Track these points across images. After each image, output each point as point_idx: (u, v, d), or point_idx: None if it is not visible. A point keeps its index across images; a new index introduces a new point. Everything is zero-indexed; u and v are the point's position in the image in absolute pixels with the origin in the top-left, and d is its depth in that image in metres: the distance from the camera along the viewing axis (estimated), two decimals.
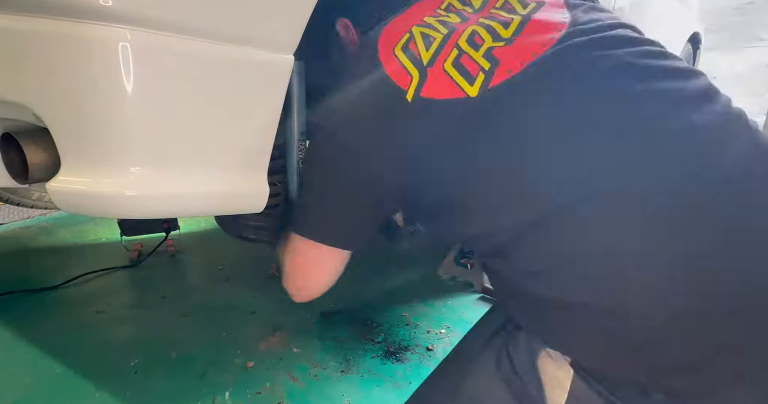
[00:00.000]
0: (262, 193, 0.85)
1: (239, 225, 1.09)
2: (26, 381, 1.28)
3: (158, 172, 0.70)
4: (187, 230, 2.36)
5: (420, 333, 1.55)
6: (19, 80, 0.69)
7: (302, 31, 0.78)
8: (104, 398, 1.21)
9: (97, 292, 1.78)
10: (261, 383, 1.28)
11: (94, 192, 0.68)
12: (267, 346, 1.45)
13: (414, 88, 0.73)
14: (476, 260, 1.72)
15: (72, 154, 0.69)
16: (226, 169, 0.78)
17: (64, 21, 0.62)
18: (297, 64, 0.84)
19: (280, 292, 1.80)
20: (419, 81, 0.73)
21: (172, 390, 1.25)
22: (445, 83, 0.72)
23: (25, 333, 1.49)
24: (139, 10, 0.62)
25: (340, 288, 1.00)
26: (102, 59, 0.63)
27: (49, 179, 0.71)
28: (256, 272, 1.98)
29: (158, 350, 1.42)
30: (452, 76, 0.73)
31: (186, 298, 1.76)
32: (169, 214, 0.79)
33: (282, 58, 0.78)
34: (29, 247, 2.24)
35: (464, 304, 1.77)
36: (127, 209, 0.71)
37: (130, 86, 0.64)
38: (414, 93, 0.73)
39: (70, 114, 0.67)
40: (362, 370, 1.34)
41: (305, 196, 0.89)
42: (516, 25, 0.76)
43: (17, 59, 0.68)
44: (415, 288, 1.86)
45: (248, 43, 0.73)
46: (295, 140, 1.01)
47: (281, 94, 0.81)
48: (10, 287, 1.75)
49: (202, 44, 0.69)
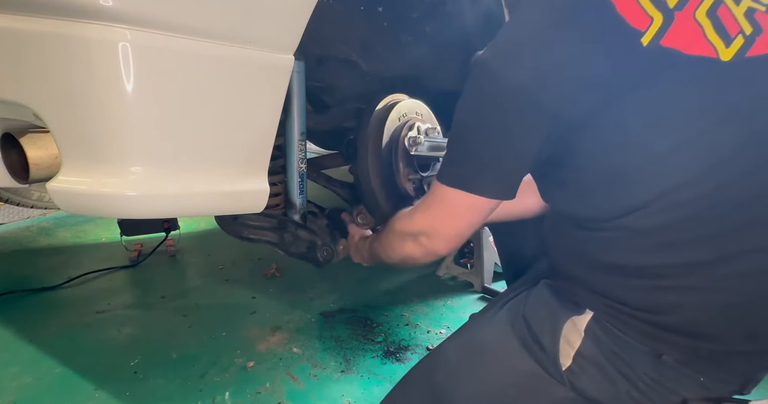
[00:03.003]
0: (262, 193, 0.85)
1: (239, 225, 1.09)
2: (26, 380, 1.28)
3: (158, 172, 0.70)
4: (187, 230, 2.36)
5: (420, 333, 1.55)
6: (19, 80, 0.69)
7: (302, 32, 0.78)
8: (104, 398, 1.21)
9: (97, 292, 1.78)
10: (261, 383, 1.28)
11: (95, 192, 0.68)
12: (267, 346, 1.45)
13: (654, 32, 0.61)
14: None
15: (72, 154, 0.69)
16: (226, 169, 0.78)
17: (64, 21, 0.62)
18: (297, 64, 0.84)
19: (279, 292, 1.81)
20: (662, 25, 0.61)
21: (172, 390, 1.25)
22: (694, 35, 0.61)
23: (25, 333, 1.50)
24: (139, 10, 0.63)
25: (340, 288, 1.00)
26: (102, 59, 0.63)
27: (49, 179, 0.71)
28: (256, 272, 1.98)
29: (158, 350, 1.42)
30: (704, 29, 0.61)
31: (186, 298, 1.76)
32: (169, 214, 0.79)
33: (282, 59, 0.78)
34: (29, 247, 2.24)
35: (464, 304, 1.77)
36: (127, 209, 0.71)
37: (130, 86, 0.64)
38: (652, 39, 0.61)
39: (71, 114, 0.67)
40: (362, 370, 1.34)
41: (459, 141, 0.77)
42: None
43: (18, 59, 0.68)
44: (415, 288, 1.87)
45: (248, 43, 0.73)
46: (296, 140, 1.01)
47: (281, 95, 0.81)
48: (10, 287, 1.75)
49: (202, 44, 0.69)
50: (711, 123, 0.62)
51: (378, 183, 1.20)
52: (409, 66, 1.29)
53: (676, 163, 0.63)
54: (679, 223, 0.64)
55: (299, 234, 1.12)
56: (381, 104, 1.23)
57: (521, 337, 0.81)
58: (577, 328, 0.75)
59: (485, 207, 0.77)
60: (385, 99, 1.26)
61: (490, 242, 1.87)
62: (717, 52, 0.61)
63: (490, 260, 1.87)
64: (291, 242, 1.13)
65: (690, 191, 0.63)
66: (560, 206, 0.79)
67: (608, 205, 0.69)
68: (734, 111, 0.62)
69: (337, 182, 1.36)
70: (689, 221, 0.64)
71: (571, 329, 0.76)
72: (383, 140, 1.20)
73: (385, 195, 1.22)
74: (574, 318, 0.76)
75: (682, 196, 0.63)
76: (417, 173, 1.28)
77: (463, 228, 0.81)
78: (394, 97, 1.28)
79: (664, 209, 0.64)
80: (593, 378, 0.75)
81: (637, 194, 0.66)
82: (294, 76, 0.90)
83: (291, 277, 1.94)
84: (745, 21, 0.61)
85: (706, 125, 0.62)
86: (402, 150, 1.23)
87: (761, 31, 0.61)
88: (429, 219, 0.83)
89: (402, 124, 1.25)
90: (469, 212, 0.78)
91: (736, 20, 0.61)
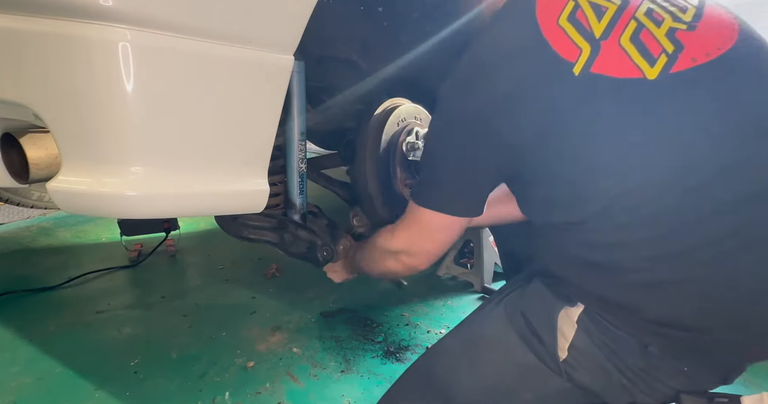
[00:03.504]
0: (262, 193, 0.85)
1: (239, 225, 1.09)
2: (26, 380, 1.28)
3: (158, 172, 0.70)
4: (187, 230, 2.36)
5: (420, 333, 1.55)
6: (19, 80, 0.69)
7: (302, 32, 0.78)
8: (104, 398, 1.21)
9: (97, 292, 1.78)
10: (261, 383, 1.28)
11: (95, 192, 0.68)
12: (267, 346, 1.45)
13: (583, 62, 0.68)
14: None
15: (72, 154, 0.69)
16: (226, 169, 0.79)
17: (65, 21, 0.62)
18: (297, 64, 0.84)
19: (279, 292, 1.81)
20: (590, 55, 0.68)
21: (172, 390, 1.25)
22: (620, 60, 0.68)
23: (25, 333, 1.50)
24: (140, 10, 0.63)
25: (340, 288, 1.01)
26: (102, 59, 0.63)
27: (49, 179, 0.71)
28: (256, 272, 1.98)
29: (158, 350, 1.42)
30: (629, 53, 0.68)
31: (186, 298, 1.76)
32: (169, 214, 0.79)
33: (282, 59, 0.78)
34: (29, 247, 2.24)
35: (464, 304, 1.77)
36: (128, 209, 0.71)
37: (131, 86, 0.64)
38: (583, 67, 0.68)
39: (71, 114, 0.67)
40: (362, 370, 1.34)
41: (430, 167, 0.87)
42: (693, 13, 0.72)
43: (18, 59, 0.68)
44: (415, 288, 1.87)
45: (248, 43, 0.73)
46: (296, 140, 1.01)
47: (281, 95, 0.81)
48: (10, 287, 1.75)
49: (202, 44, 0.69)
50: (644, 136, 0.68)
51: (375, 187, 1.22)
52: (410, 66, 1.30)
53: (621, 171, 0.69)
54: (636, 222, 0.69)
55: (299, 234, 1.12)
56: (380, 108, 1.24)
57: (519, 330, 0.82)
58: (570, 319, 0.77)
59: (457, 225, 0.86)
60: (385, 103, 1.26)
61: (490, 242, 1.87)
62: (643, 72, 0.67)
63: (490, 260, 1.87)
64: (291, 242, 1.13)
65: (638, 194, 0.68)
66: (531, 216, 0.86)
67: (571, 212, 0.74)
68: (664, 123, 0.67)
69: (337, 182, 1.37)
70: (646, 219, 0.68)
71: (565, 320, 0.78)
72: (381, 144, 1.21)
73: (382, 199, 1.23)
74: (568, 308, 0.78)
75: (632, 199, 0.69)
76: (414, 178, 1.29)
77: (440, 245, 0.89)
78: (394, 101, 1.29)
79: (622, 211, 0.69)
80: (588, 369, 0.77)
81: (594, 201, 0.71)
82: (294, 76, 0.90)
83: (291, 277, 1.95)
84: (666, 41, 0.69)
85: (641, 138, 0.68)
86: (400, 155, 1.24)
87: (683, 47, 0.68)
88: (408, 239, 0.91)
89: (401, 129, 1.26)
90: (443, 230, 0.87)
91: (658, 41, 0.69)
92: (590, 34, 0.70)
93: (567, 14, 0.72)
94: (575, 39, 0.70)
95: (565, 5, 0.72)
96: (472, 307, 1.74)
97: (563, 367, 0.78)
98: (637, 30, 0.70)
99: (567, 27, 0.71)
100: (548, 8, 0.73)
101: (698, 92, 0.68)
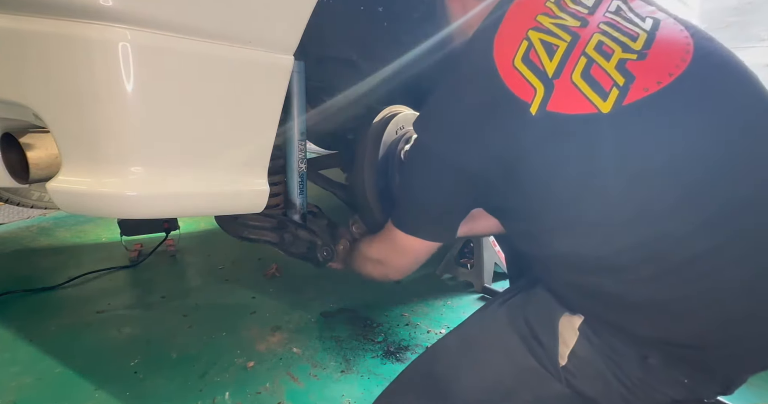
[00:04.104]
0: (262, 193, 0.85)
1: (239, 225, 1.09)
2: (26, 380, 1.28)
3: (158, 172, 0.70)
4: (187, 230, 2.36)
5: (420, 333, 1.55)
6: (19, 80, 0.69)
7: (302, 32, 0.78)
8: (104, 398, 1.21)
9: (97, 292, 1.78)
10: (261, 383, 1.28)
11: (95, 192, 0.68)
12: (267, 346, 1.45)
13: (539, 102, 0.70)
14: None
15: (72, 154, 0.69)
16: (226, 169, 0.79)
17: (65, 21, 0.62)
18: (297, 64, 0.84)
19: (279, 292, 1.81)
20: (544, 95, 0.70)
21: (172, 390, 1.25)
22: (573, 97, 0.69)
23: (25, 333, 1.50)
24: (140, 10, 0.63)
25: (340, 288, 1.01)
26: (102, 59, 0.63)
27: (49, 179, 0.71)
28: (256, 272, 1.98)
29: (158, 350, 1.42)
30: (581, 90, 0.69)
31: (186, 298, 1.76)
32: (169, 214, 0.79)
33: (282, 59, 0.78)
34: (29, 247, 2.24)
35: (464, 304, 1.77)
36: (127, 209, 0.71)
37: (130, 86, 0.64)
38: (539, 107, 0.69)
39: (71, 114, 0.67)
40: (362, 370, 1.34)
41: (405, 194, 0.94)
42: (644, 39, 0.73)
43: (18, 59, 0.68)
44: (415, 288, 1.87)
45: (248, 43, 0.73)
46: (295, 140, 1.01)
47: (281, 95, 0.81)
48: (10, 287, 1.75)
49: (202, 44, 0.69)
50: (604, 169, 0.69)
51: (373, 196, 1.24)
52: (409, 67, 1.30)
53: (585, 204, 0.71)
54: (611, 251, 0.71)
55: (299, 234, 1.12)
56: (379, 116, 1.26)
57: (521, 334, 0.82)
58: (572, 326, 0.77)
59: (427, 248, 0.91)
60: (384, 111, 1.28)
61: (491, 242, 1.87)
62: (597, 107, 0.68)
63: (490, 260, 1.87)
64: (291, 242, 1.13)
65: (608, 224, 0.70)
66: (516, 244, 0.90)
67: (548, 243, 0.77)
68: (622, 155, 0.68)
69: (337, 184, 1.37)
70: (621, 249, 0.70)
71: (567, 327, 0.78)
72: (379, 153, 1.23)
73: (380, 208, 1.25)
74: (569, 316, 0.78)
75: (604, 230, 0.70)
76: None
77: (410, 262, 0.96)
78: (393, 109, 1.30)
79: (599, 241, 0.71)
80: (587, 376, 0.77)
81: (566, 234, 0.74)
82: (294, 76, 0.90)
83: (291, 277, 1.95)
84: (617, 73, 0.70)
85: (601, 171, 0.69)
86: (398, 164, 1.26)
87: (633, 78, 0.69)
88: (382, 252, 0.99)
89: (399, 137, 1.27)
90: (414, 251, 0.92)
91: (608, 75, 0.70)
92: (543, 74, 0.71)
93: (521, 55, 0.73)
94: (530, 79, 0.71)
95: (519, 45, 0.74)
96: (472, 307, 1.74)
97: (563, 373, 0.78)
98: (588, 65, 0.70)
99: (522, 68, 0.72)
100: (504, 49, 0.75)
101: (652, 122, 0.68)
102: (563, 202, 0.72)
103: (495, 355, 0.85)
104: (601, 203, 0.69)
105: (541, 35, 0.74)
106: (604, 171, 0.68)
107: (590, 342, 0.76)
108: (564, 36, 0.74)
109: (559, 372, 0.78)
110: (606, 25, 0.75)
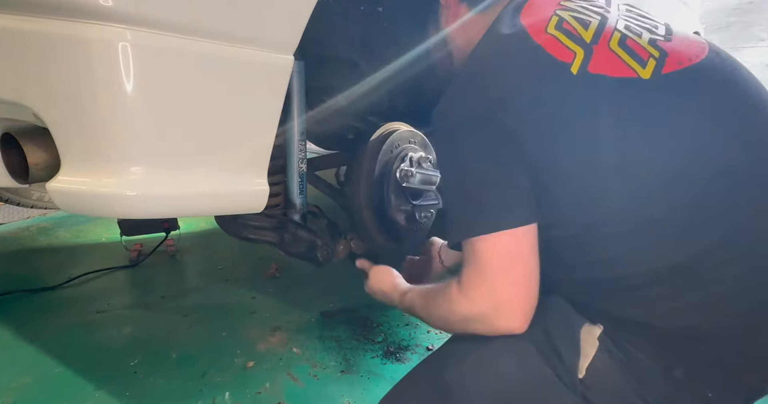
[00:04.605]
0: (262, 193, 0.85)
1: (239, 225, 1.09)
2: (26, 380, 1.28)
3: (158, 172, 0.70)
4: (187, 230, 2.36)
5: (420, 333, 1.55)
6: (19, 80, 0.69)
7: (302, 32, 0.78)
8: (104, 398, 1.21)
9: (97, 292, 1.78)
10: (261, 383, 1.28)
11: (95, 192, 0.68)
12: (267, 346, 1.45)
13: (579, 63, 0.71)
14: None
15: (72, 154, 0.69)
16: (226, 169, 0.79)
17: (65, 21, 0.62)
18: (297, 64, 0.84)
19: (279, 292, 1.81)
20: (584, 57, 0.72)
21: (172, 390, 1.25)
22: (614, 62, 0.72)
23: (25, 333, 1.50)
24: (140, 10, 0.63)
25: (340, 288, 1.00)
26: (102, 59, 0.63)
27: (49, 179, 0.71)
28: (256, 272, 1.98)
29: (158, 350, 1.42)
30: (620, 56, 0.72)
31: (186, 298, 1.76)
32: (169, 214, 0.79)
33: (282, 59, 0.78)
34: (29, 247, 2.24)
35: None
36: (127, 209, 0.71)
37: (130, 86, 0.64)
38: (580, 68, 0.71)
39: (71, 114, 0.67)
40: (362, 370, 1.34)
41: (456, 194, 0.78)
42: (665, 29, 0.78)
43: (17, 59, 0.68)
44: None
45: (248, 43, 0.73)
46: (295, 140, 1.01)
47: (281, 95, 0.81)
48: (10, 287, 1.75)
49: (202, 44, 0.69)
50: (644, 134, 0.69)
51: (369, 215, 1.26)
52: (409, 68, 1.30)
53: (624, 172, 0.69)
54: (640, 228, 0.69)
55: (299, 234, 1.12)
56: (376, 133, 1.28)
57: (537, 343, 0.78)
58: (592, 337, 0.75)
59: (524, 240, 0.73)
60: (381, 129, 1.31)
61: None
62: (637, 73, 0.71)
63: None
64: (291, 242, 1.13)
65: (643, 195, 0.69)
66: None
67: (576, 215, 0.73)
68: (663, 121, 0.70)
69: (337, 189, 1.37)
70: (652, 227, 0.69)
71: (587, 338, 0.75)
72: (375, 171, 1.26)
73: (376, 226, 1.27)
74: (589, 325, 0.75)
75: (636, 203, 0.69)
76: (408, 204, 1.32)
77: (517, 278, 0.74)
78: (390, 126, 1.33)
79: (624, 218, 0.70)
80: (605, 391, 0.74)
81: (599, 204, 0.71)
82: (294, 76, 0.90)
83: (291, 277, 1.94)
84: (651, 47, 0.74)
85: (641, 136, 0.69)
86: (394, 183, 1.28)
87: (666, 53, 0.73)
88: (487, 289, 0.74)
89: (395, 155, 1.30)
90: (512, 254, 0.73)
91: (644, 48, 0.73)
92: (581, 39, 0.73)
93: (554, 24, 0.76)
94: (567, 44, 0.73)
95: (550, 18, 0.76)
96: None
97: (580, 387, 0.75)
98: (623, 38, 0.74)
99: (557, 34, 0.74)
100: (534, 21, 0.77)
101: (692, 92, 0.72)
102: (598, 166, 0.70)
103: (508, 365, 0.80)
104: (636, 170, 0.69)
105: (570, 13, 0.78)
106: (644, 136, 0.69)
107: (610, 354, 0.73)
108: (593, 16, 0.78)
109: (576, 385, 0.75)
110: (626, 18, 0.80)
